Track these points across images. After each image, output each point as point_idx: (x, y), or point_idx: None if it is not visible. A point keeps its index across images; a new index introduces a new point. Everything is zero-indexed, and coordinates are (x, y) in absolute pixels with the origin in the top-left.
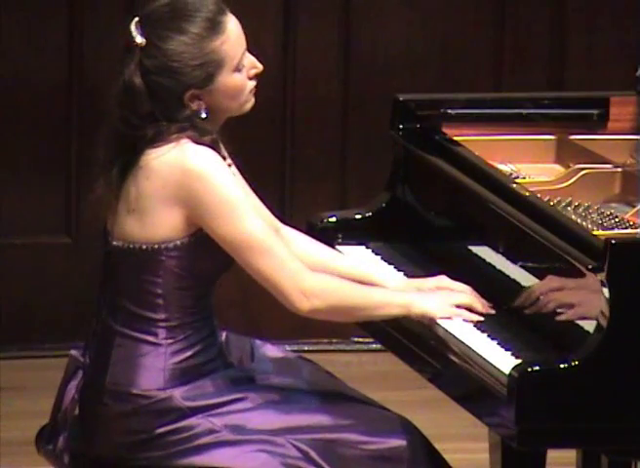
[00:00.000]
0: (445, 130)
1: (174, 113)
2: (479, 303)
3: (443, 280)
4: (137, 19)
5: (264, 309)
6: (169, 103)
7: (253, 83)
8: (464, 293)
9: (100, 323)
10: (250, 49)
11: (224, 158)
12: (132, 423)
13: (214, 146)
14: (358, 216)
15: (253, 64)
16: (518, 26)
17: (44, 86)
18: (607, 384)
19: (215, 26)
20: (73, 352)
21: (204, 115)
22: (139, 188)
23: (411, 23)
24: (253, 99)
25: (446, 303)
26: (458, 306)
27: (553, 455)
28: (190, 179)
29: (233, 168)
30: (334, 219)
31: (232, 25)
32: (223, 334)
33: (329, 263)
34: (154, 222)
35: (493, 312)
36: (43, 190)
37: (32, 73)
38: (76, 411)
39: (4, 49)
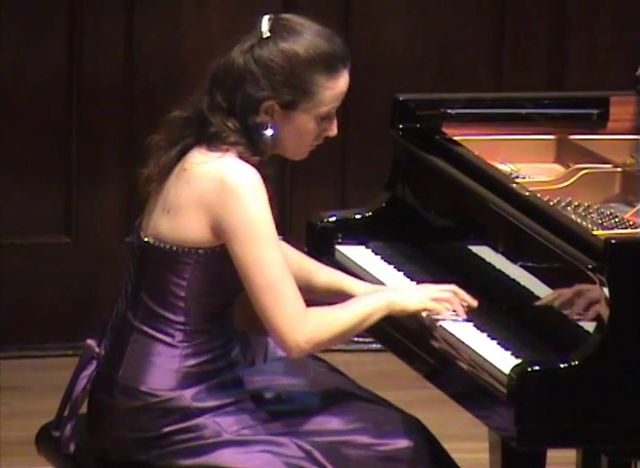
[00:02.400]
0: (445, 130)
1: (247, 112)
2: (458, 302)
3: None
4: (269, 16)
5: None
6: (249, 100)
7: (317, 142)
8: (446, 290)
9: (118, 316)
10: None
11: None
12: (139, 420)
13: (257, 166)
14: (358, 216)
15: (332, 127)
16: (518, 26)
17: (44, 86)
18: (607, 384)
19: (332, 67)
20: (90, 341)
21: (270, 132)
22: (177, 190)
23: (411, 23)
24: (305, 156)
25: (424, 296)
26: (436, 300)
27: (553, 455)
28: (225, 192)
29: None
30: (334, 219)
31: (344, 80)
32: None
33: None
34: (186, 226)
35: (464, 316)
36: (43, 190)
37: (32, 73)
38: (86, 402)
39: (4, 48)
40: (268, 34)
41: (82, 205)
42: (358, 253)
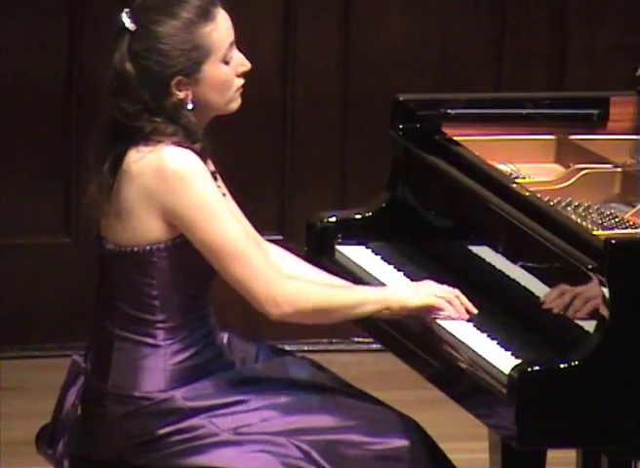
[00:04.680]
0: (445, 130)
1: (161, 100)
2: (459, 303)
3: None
4: (128, 9)
5: None
6: (157, 89)
7: (240, 81)
8: (448, 292)
9: (98, 327)
10: (250, 48)
11: (206, 162)
12: (133, 425)
13: (196, 150)
14: (358, 216)
15: (241, 61)
16: (518, 26)
17: (44, 86)
18: (607, 384)
19: (205, 13)
20: (75, 357)
21: (190, 106)
22: (124, 193)
23: (411, 23)
24: (239, 100)
25: (425, 292)
26: (438, 298)
27: (553, 455)
28: (167, 180)
29: (219, 181)
30: (334, 219)
31: (222, 17)
32: (225, 336)
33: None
34: (141, 226)
35: (466, 317)
36: (43, 190)
37: (32, 73)
38: (77, 417)
39: (4, 49)
40: (135, 27)
41: (82, 205)
42: (358, 254)
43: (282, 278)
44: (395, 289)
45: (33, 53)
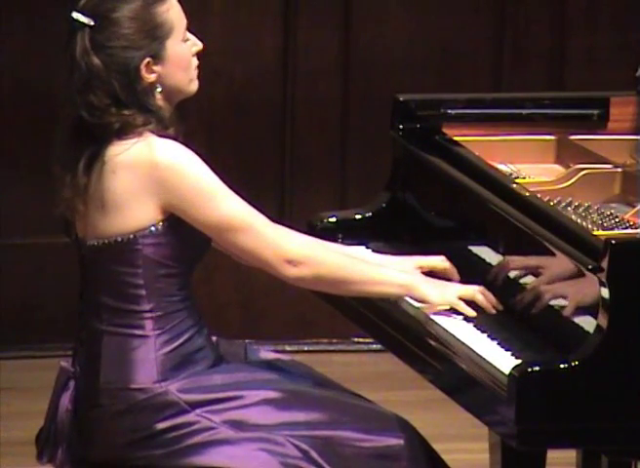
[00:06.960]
0: (445, 130)
1: (133, 87)
2: (484, 299)
3: (443, 259)
4: (76, 8)
5: (264, 309)
6: (127, 76)
7: (196, 61)
8: (471, 288)
9: (84, 328)
10: (250, 48)
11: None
12: (130, 421)
13: (177, 139)
14: (358, 216)
15: (195, 41)
16: (518, 26)
17: (44, 86)
18: (607, 384)
19: None
20: (63, 363)
21: (159, 89)
22: (105, 183)
23: (411, 24)
24: (197, 81)
25: (449, 294)
26: (460, 298)
27: (553, 455)
28: (161, 172)
29: None
30: (334, 219)
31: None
32: (213, 339)
33: None
34: (126, 215)
35: (494, 312)
36: (43, 190)
37: (32, 73)
38: (72, 421)
39: (4, 49)
40: (93, 19)
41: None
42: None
43: (291, 237)
44: (421, 281)
45: (33, 53)
